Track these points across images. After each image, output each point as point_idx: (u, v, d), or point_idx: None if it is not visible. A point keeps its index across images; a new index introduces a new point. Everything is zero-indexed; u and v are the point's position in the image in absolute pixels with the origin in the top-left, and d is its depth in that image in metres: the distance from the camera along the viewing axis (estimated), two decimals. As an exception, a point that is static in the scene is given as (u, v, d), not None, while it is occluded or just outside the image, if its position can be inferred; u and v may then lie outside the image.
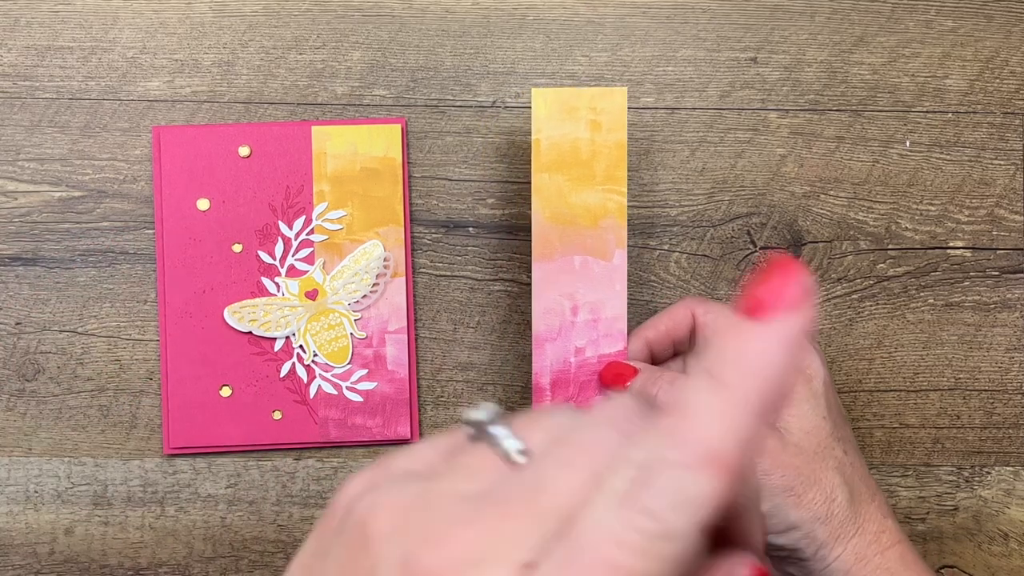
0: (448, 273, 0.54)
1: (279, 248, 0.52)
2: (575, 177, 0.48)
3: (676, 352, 0.49)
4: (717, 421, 0.21)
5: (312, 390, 0.52)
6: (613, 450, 0.22)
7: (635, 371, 0.46)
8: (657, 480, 0.20)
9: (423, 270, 0.54)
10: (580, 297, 0.48)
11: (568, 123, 0.48)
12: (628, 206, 0.54)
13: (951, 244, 0.54)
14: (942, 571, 0.54)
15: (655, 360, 0.49)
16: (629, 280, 0.54)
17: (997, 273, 0.54)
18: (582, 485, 0.21)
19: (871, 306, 0.54)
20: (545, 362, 0.48)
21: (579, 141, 0.48)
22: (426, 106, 0.54)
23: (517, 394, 0.53)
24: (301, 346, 0.52)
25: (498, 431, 0.25)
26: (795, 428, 0.44)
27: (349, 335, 0.52)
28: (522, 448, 0.24)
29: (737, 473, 0.21)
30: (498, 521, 0.22)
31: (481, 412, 0.26)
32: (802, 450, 0.43)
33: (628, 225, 0.54)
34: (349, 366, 0.52)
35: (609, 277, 0.48)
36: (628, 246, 0.54)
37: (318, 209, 0.52)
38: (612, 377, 0.47)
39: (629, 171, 0.54)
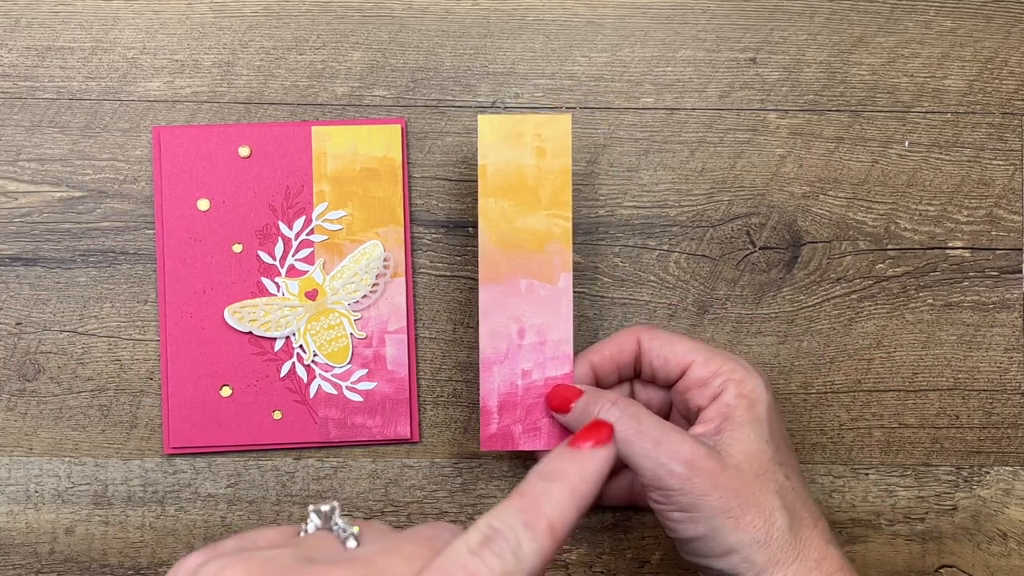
0: (448, 273, 0.54)
1: (279, 248, 0.52)
2: (521, 202, 0.48)
3: (620, 378, 0.49)
4: (558, 505, 0.32)
5: (312, 390, 0.52)
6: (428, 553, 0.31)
7: (580, 393, 0.47)
8: (507, 537, 0.30)
9: (423, 270, 0.54)
10: (526, 320, 0.48)
11: (514, 149, 0.48)
12: (627, 206, 0.54)
13: (950, 244, 0.54)
14: (941, 571, 0.54)
15: (600, 384, 0.49)
16: (628, 280, 0.54)
17: (996, 273, 0.54)
18: (408, 566, 0.30)
19: (870, 306, 0.54)
20: (492, 385, 0.48)
21: (525, 167, 0.48)
22: (426, 106, 0.54)
23: (517, 394, 0.54)
24: (301, 346, 0.52)
25: (340, 520, 0.33)
26: (735, 451, 0.43)
27: (349, 335, 0.52)
28: (356, 535, 0.32)
29: (561, 541, 0.31)
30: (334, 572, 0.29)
31: (327, 505, 0.34)
32: (741, 472, 0.43)
33: (628, 225, 0.54)
34: (349, 366, 0.52)
35: (555, 300, 0.48)
36: (628, 246, 0.54)
37: (318, 209, 0.52)
38: (558, 400, 0.47)
39: (628, 171, 0.54)
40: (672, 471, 0.42)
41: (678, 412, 0.49)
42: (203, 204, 0.52)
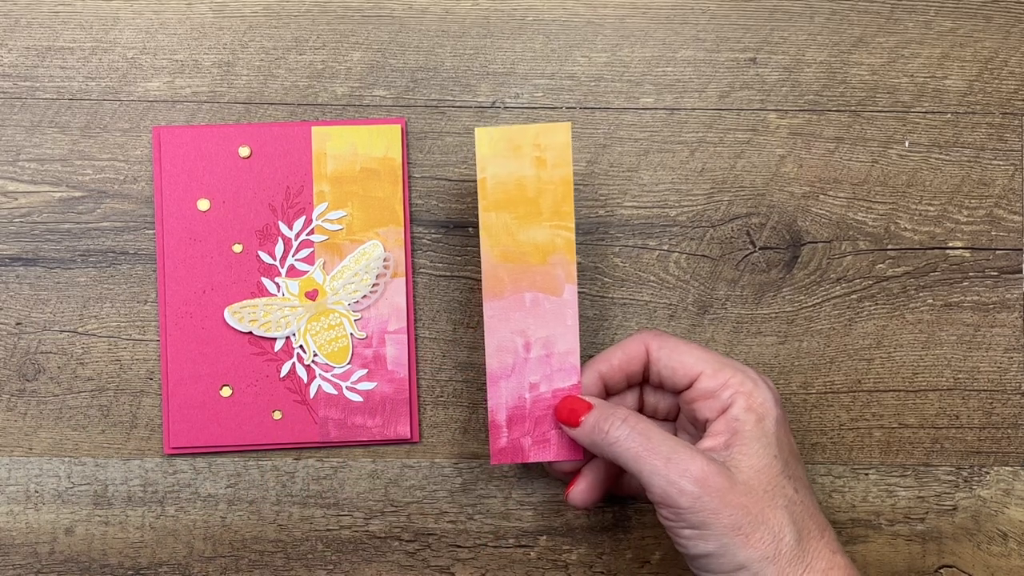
0: (448, 273, 0.54)
1: (279, 248, 0.52)
2: (522, 215, 0.48)
3: (630, 384, 0.49)
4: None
5: (312, 390, 0.52)
6: None
7: (589, 407, 0.47)
8: None
9: (423, 270, 0.54)
10: (532, 333, 0.48)
11: (513, 161, 0.48)
12: (627, 206, 0.54)
13: (950, 244, 0.54)
14: (941, 571, 0.54)
15: (609, 391, 0.49)
16: (629, 280, 0.54)
17: (996, 273, 0.54)
18: None
19: (870, 306, 0.54)
20: (500, 399, 0.48)
21: (525, 178, 0.48)
22: (426, 106, 0.54)
23: (517, 394, 0.54)
24: (301, 346, 0.52)
25: None
26: (745, 466, 0.44)
27: (349, 335, 0.52)
28: None
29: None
30: None
31: None
32: (751, 489, 0.43)
33: (628, 225, 0.54)
34: (349, 366, 0.52)
35: (560, 312, 0.48)
36: (628, 246, 0.54)
37: (318, 209, 0.52)
38: (567, 413, 0.47)
39: (628, 171, 0.54)
40: (682, 489, 0.43)
41: (686, 419, 0.49)
42: (203, 204, 0.52)
